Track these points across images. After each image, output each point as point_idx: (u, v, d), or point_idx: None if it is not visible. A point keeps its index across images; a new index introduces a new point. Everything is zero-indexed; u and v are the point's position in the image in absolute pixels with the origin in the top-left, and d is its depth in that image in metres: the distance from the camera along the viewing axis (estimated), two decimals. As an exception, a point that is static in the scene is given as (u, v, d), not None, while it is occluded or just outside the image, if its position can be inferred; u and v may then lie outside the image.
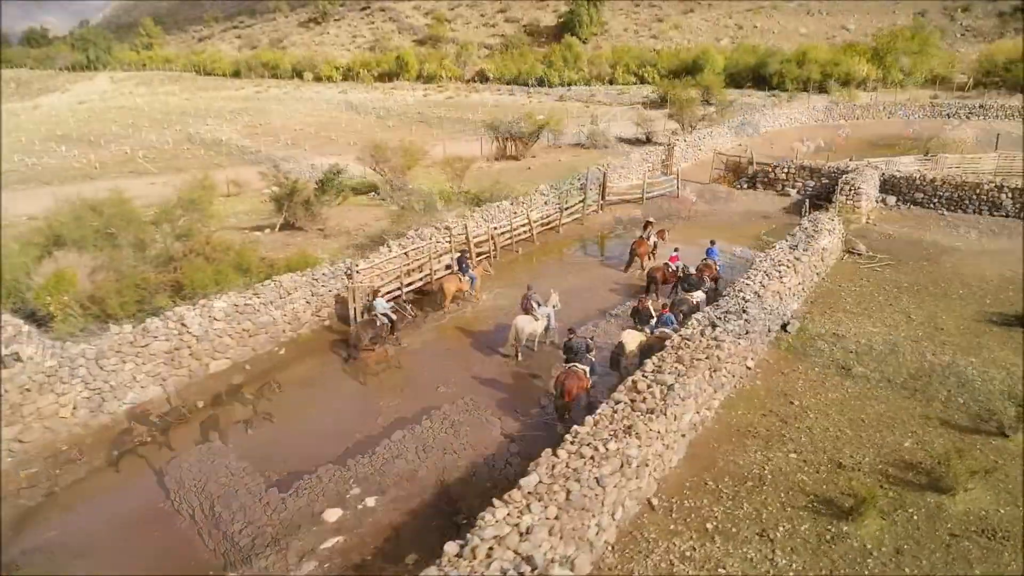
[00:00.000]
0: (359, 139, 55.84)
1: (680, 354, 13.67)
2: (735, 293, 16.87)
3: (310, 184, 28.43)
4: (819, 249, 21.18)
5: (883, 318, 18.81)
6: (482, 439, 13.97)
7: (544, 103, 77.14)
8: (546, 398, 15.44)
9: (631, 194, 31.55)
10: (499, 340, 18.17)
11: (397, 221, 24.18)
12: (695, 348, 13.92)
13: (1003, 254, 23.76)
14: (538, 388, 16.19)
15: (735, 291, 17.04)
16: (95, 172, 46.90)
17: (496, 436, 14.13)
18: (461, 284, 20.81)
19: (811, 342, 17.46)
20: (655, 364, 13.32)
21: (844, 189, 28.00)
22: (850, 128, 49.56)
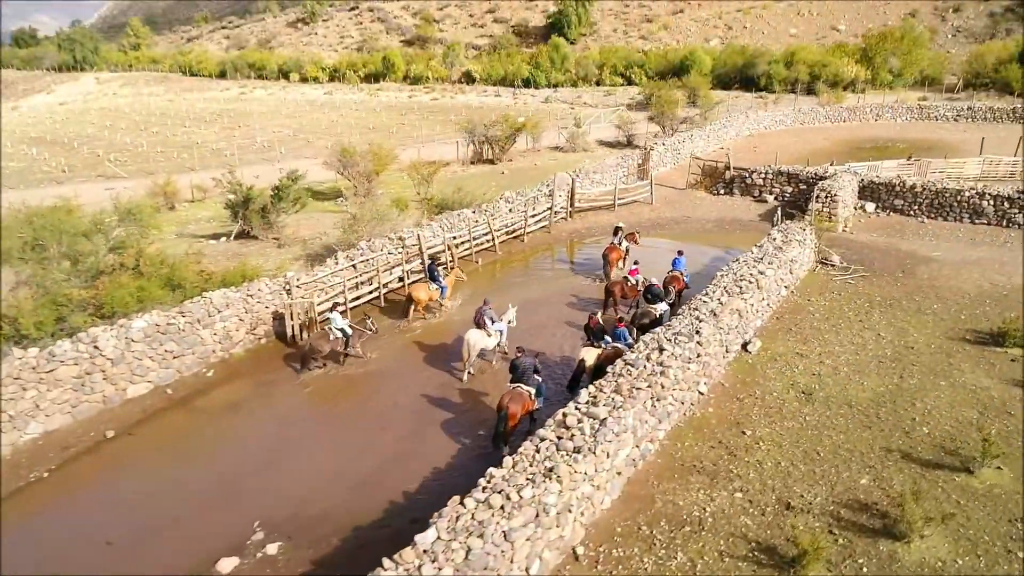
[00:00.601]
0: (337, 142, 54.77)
1: (620, 382, 12.61)
2: (690, 312, 15.83)
3: (267, 191, 27.34)
4: (787, 261, 20.17)
5: (851, 336, 17.78)
6: (415, 470, 12.91)
7: (529, 105, 76.19)
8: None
9: (603, 201, 30.51)
10: (456, 355, 17.17)
11: (348, 231, 23.06)
12: (636, 376, 12.87)
13: (983, 264, 22.77)
14: (488, 408, 15.12)
15: (690, 309, 16.01)
16: (62, 176, 45.76)
17: (431, 467, 13.06)
18: (431, 293, 19.92)
19: (772, 363, 16.43)
20: (590, 395, 12.26)
21: (820, 196, 27.00)
22: (759, 142, 47.78)
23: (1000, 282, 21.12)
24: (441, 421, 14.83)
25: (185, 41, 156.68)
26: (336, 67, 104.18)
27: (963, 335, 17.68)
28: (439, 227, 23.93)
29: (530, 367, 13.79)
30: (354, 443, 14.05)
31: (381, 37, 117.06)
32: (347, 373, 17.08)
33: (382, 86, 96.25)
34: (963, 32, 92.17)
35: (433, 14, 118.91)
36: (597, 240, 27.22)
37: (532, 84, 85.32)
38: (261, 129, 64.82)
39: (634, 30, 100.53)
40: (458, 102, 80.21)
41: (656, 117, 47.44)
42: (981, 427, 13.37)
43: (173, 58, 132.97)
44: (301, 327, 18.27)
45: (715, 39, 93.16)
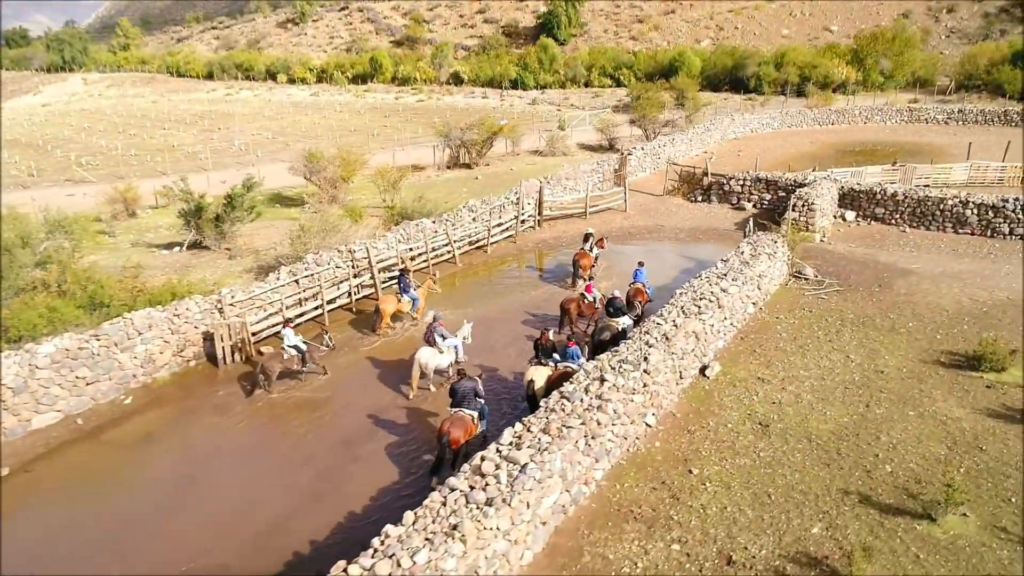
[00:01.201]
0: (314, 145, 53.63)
1: (550, 419, 11.49)
2: (640, 336, 14.70)
3: (220, 199, 26.19)
4: (755, 277, 19.05)
5: (818, 358, 16.67)
6: (329, 514, 11.78)
7: (516, 106, 75.14)
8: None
9: (574, 208, 29.40)
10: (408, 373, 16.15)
11: (296, 243, 21.93)
12: (570, 411, 11.75)
13: (963, 278, 21.67)
14: (432, 433, 14.02)
15: (641, 333, 14.88)
16: (29, 180, 44.57)
17: (348, 510, 11.93)
18: (400, 305, 18.95)
19: (731, 389, 15.31)
20: (515, 435, 11.14)
21: (797, 205, 25.89)
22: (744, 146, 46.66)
23: (980, 298, 20.03)
24: (374, 452, 13.75)
25: (175, 42, 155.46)
26: (324, 68, 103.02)
27: (937, 357, 16.58)
28: (394, 238, 22.80)
29: (470, 391, 13.05)
30: (270, 480, 12.91)
31: (371, 38, 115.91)
32: (287, 395, 15.96)
33: (369, 87, 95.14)
34: (957, 33, 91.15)
35: (423, 14, 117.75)
36: (566, 250, 26.09)
37: (520, 85, 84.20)
38: (241, 132, 63.69)
39: (625, 31, 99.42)
40: (444, 104, 79.11)
41: (638, 120, 46.31)
42: (949, 466, 12.27)
43: (161, 59, 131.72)
44: (233, 349, 17.13)
45: (706, 40, 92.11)
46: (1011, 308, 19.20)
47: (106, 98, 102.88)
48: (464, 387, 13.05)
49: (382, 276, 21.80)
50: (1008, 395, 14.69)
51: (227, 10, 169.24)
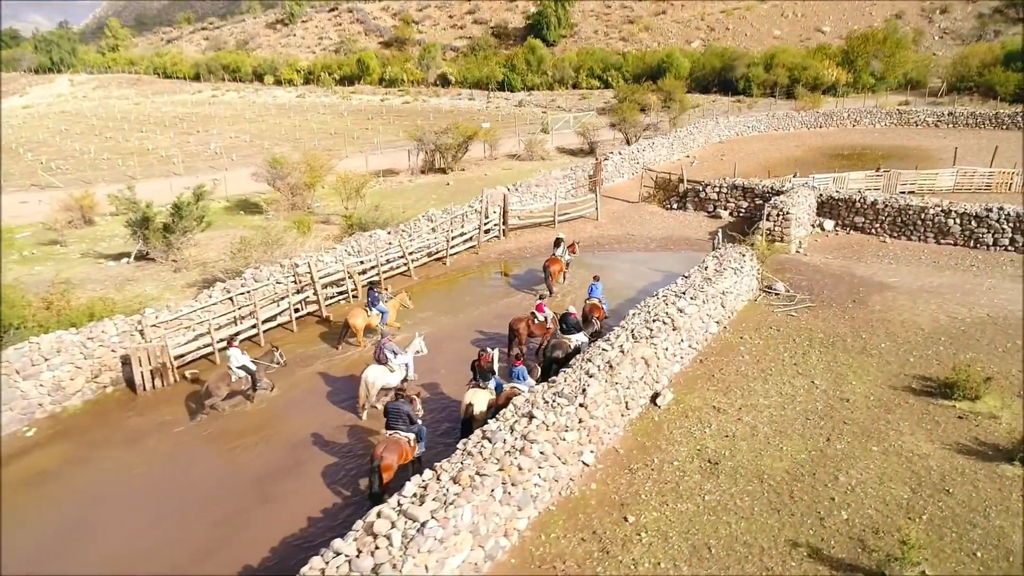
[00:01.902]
0: (294, 148, 52.50)
1: (464, 464, 10.32)
2: (580, 365, 13.53)
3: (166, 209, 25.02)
4: (718, 294, 17.90)
5: (781, 384, 15.51)
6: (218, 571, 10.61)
7: (502, 108, 74.04)
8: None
9: (542, 217, 28.24)
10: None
11: (236, 256, 20.74)
12: (489, 455, 10.57)
13: (943, 293, 20.52)
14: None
15: (582, 362, 13.71)
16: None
17: (243, 563, 10.75)
18: (368, 319, 18.03)
19: (682, 420, 14.14)
20: (419, 486, 9.96)
21: (771, 214, 24.74)
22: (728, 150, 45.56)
23: (959, 315, 18.88)
24: (292, 487, 12.67)
25: (165, 43, 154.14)
26: (311, 70, 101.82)
27: (908, 383, 15.43)
28: (344, 251, 21.62)
29: (405, 412, 12.33)
30: (164, 528, 11.71)
31: (359, 39, 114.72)
32: (210, 424, 14.82)
33: (356, 89, 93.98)
34: (951, 34, 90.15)
35: (412, 15, 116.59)
36: (531, 262, 24.98)
37: (508, 87, 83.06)
38: (219, 134, 62.50)
39: (615, 31, 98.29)
40: (430, 106, 77.97)
41: (618, 124, 45.14)
42: (911, 512, 11.12)
43: (149, 60, 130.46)
44: (153, 374, 15.94)
45: (697, 41, 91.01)
46: (990, 327, 18.08)
47: (90, 100, 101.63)
48: (399, 408, 12.31)
49: (330, 291, 20.66)
50: (981, 427, 13.54)
51: (223, 10, 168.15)
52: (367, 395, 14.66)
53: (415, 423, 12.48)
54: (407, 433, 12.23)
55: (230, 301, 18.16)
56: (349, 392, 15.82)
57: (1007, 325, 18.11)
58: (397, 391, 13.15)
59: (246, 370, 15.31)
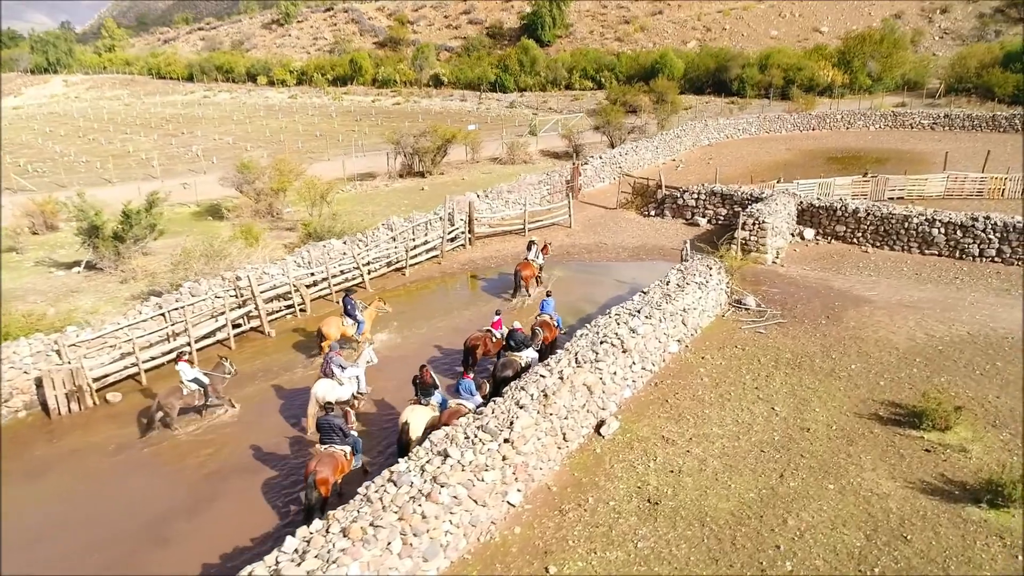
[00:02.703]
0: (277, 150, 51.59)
1: (360, 513, 9.28)
2: (511, 394, 12.48)
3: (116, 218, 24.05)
4: (678, 312, 16.82)
5: (739, 411, 14.45)
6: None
7: (492, 109, 73.04)
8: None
9: (512, 224, 27.20)
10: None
11: (176, 268, 19.75)
12: (389, 502, 9.54)
13: (922, 308, 19.42)
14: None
15: (515, 390, 12.65)
16: (-37, 189, 42.38)
17: None
18: (344, 329, 17.29)
19: (627, 452, 13.09)
20: (303, 540, 8.92)
21: (747, 223, 23.65)
22: (716, 153, 44.55)
23: (938, 333, 17.79)
24: (268, 481, 12.33)
25: (162, 43, 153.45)
26: (304, 70, 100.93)
27: (876, 409, 14.35)
28: (294, 262, 20.61)
29: (338, 426, 12.07)
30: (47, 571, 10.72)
31: (354, 39, 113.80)
32: (132, 452, 13.90)
33: (349, 89, 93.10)
34: (951, 34, 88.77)
35: (408, 15, 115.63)
36: (497, 271, 23.96)
37: (500, 88, 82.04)
38: (203, 136, 61.63)
39: (611, 31, 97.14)
40: (420, 107, 77.01)
41: (602, 127, 44.06)
42: (863, 563, 10.06)
43: (144, 60, 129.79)
44: (68, 397, 14.95)
45: (693, 41, 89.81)
46: (969, 346, 16.99)
47: (82, 100, 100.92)
48: (332, 422, 12.03)
49: (275, 306, 19.65)
50: (949, 462, 12.46)
51: (226, 10, 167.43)
52: (315, 409, 13.95)
53: (349, 436, 12.21)
54: (342, 446, 11.98)
55: (162, 317, 17.12)
56: (296, 408, 14.99)
57: (987, 344, 17.02)
58: (326, 404, 12.89)
59: (198, 383, 14.66)
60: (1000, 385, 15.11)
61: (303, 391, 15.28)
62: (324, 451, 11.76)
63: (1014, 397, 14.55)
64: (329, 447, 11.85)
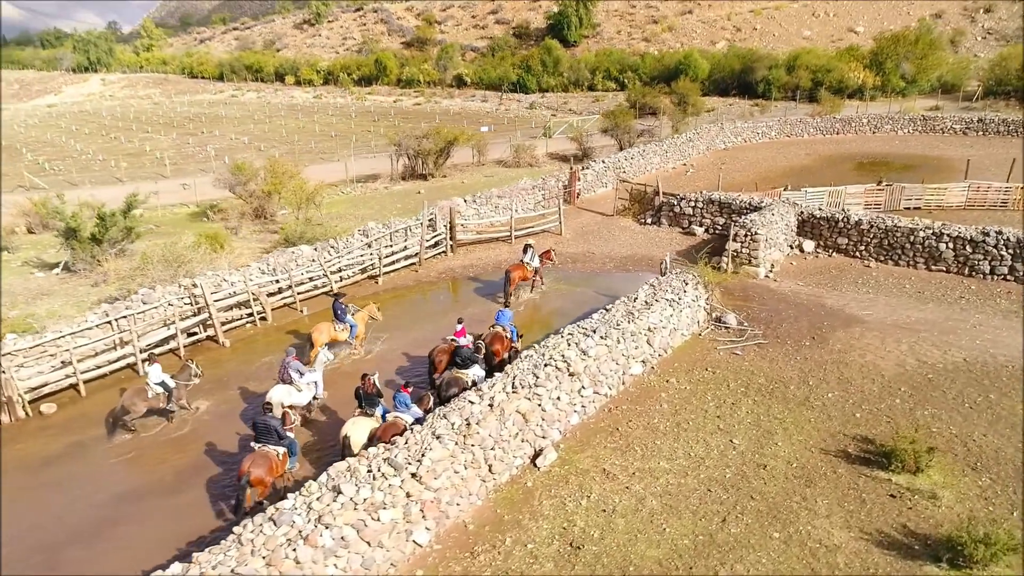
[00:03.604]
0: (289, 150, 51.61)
1: (225, 557, 8.50)
2: (431, 423, 11.59)
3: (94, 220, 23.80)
4: (643, 330, 15.75)
5: (693, 442, 13.35)
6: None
7: (511, 110, 72.21)
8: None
9: (499, 232, 26.30)
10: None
11: (135, 273, 19.32)
12: (260, 545, 8.73)
13: (918, 330, 17.98)
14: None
15: (436, 417, 11.76)
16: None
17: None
18: (335, 334, 16.99)
19: (560, 487, 12.11)
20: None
21: (739, 234, 22.37)
22: (731, 157, 42.86)
23: (931, 358, 16.39)
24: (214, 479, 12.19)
25: (198, 42, 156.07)
26: (330, 70, 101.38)
27: (845, 445, 13.13)
28: (259, 269, 20.03)
29: (274, 427, 12.14)
30: None
31: (382, 39, 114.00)
32: (70, 461, 13.48)
33: (373, 89, 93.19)
34: (994, 34, 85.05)
35: (435, 15, 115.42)
36: (476, 281, 23.10)
37: (522, 88, 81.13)
38: (221, 136, 62.03)
39: (638, 31, 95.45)
40: (440, 107, 76.54)
41: (611, 130, 42.85)
42: (791, 631, 8.95)
43: (179, 60, 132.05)
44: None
45: (722, 42, 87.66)
46: (963, 375, 15.58)
47: (114, 99, 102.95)
48: (267, 423, 12.15)
49: (236, 314, 19.08)
50: (914, 510, 11.22)
51: (268, 10, 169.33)
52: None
53: (284, 437, 12.26)
54: (276, 447, 12.04)
55: (109, 325, 16.64)
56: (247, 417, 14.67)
57: (983, 373, 15.59)
58: (264, 404, 13.00)
59: (164, 387, 14.53)
60: (989, 421, 13.74)
61: (258, 398, 14.82)
62: (258, 451, 11.81)
63: (1002, 435, 13.19)
64: (264, 447, 11.91)
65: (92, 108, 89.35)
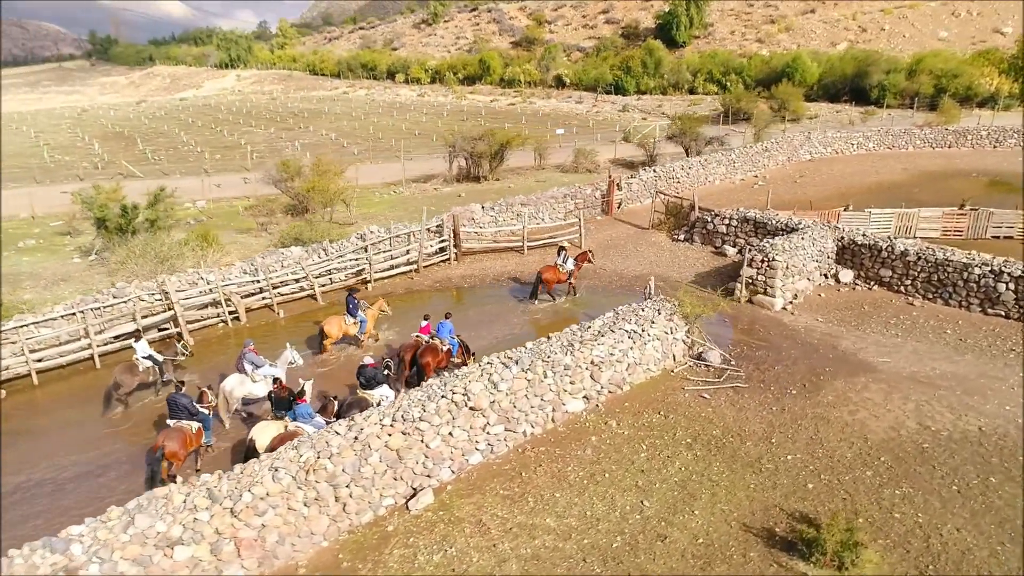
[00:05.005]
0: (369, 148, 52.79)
1: (-25, 585, 8.14)
2: (281, 453, 10.79)
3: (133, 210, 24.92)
4: (583, 364, 14.22)
5: (597, 499, 11.79)
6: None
7: (602, 112, 70.31)
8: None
9: (508, 241, 25.17)
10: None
11: (114, 273, 19.87)
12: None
13: (938, 386, 15.23)
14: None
15: (287, 448, 10.94)
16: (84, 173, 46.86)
17: None
18: (345, 327, 17.55)
19: (422, 537, 10.98)
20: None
21: (755, 259, 20.03)
22: (813, 169, 38.47)
23: (937, 424, 13.76)
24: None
25: (327, 41, 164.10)
26: (438, 69, 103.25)
27: (775, 523, 11.15)
28: (241, 269, 20.09)
29: (184, 404, 12.82)
30: None
31: (493, 39, 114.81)
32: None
33: (475, 89, 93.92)
34: None
35: (546, 15, 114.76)
36: (470, 291, 22.19)
37: (620, 90, 78.84)
38: (313, 131, 64.39)
39: (752, 32, 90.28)
40: (532, 108, 75.82)
41: (677, 137, 40.32)
42: None
43: (306, 58, 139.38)
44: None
45: (844, 43, 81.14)
46: (967, 448, 12.94)
47: (240, 94, 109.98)
48: (177, 400, 12.79)
49: (211, 311, 19.22)
50: (817, 620, 9.21)
51: (401, 10, 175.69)
52: (227, 404, 14.40)
53: (198, 413, 12.96)
54: (190, 422, 12.70)
55: (73, 316, 17.14)
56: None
57: (995, 449, 12.87)
58: (177, 383, 13.65)
59: (153, 360, 15.51)
60: (973, 511, 11.23)
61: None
62: (173, 426, 12.51)
63: (981, 532, 10.74)
64: (178, 422, 12.60)
65: (215, 102, 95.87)
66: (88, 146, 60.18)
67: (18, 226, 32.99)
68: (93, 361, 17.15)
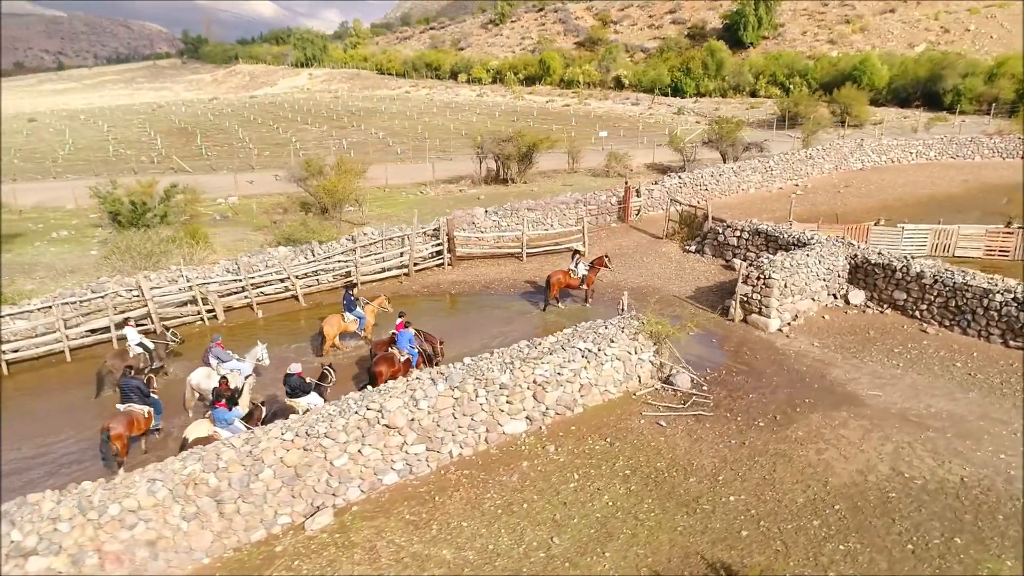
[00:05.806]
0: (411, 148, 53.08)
1: None
2: (167, 465, 10.49)
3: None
4: (524, 383, 13.43)
5: (504, 533, 11.03)
6: None
7: (657, 114, 68.48)
8: None
9: (507, 247, 24.47)
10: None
11: (103, 265, 20.25)
12: None
13: (928, 427, 13.70)
14: None
15: (174, 462, 10.62)
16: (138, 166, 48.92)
17: None
18: (345, 325, 17.76)
19: (308, 559, 10.48)
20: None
21: (751, 276, 18.67)
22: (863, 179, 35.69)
23: (913, 471, 12.34)
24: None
25: (398, 41, 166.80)
26: (499, 69, 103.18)
27: (691, 573, 10.10)
28: (224, 268, 20.17)
29: (135, 387, 13.29)
30: None
31: (557, 39, 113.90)
32: None
33: (533, 89, 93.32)
34: None
35: (612, 15, 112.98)
36: (458, 297, 21.64)
37: (679, 92, 76.64)
38: (364, 130, 65.25)
39: (825, 33, 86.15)
40: (586, 109, 74.61)
41: (715, 142, 38.53)
42: None
43: (375, 57, 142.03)
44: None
45: (923, 44, 76.34)
46: (939, 501, 11.52)
47: (307, 92, 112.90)
48: (129, 384, 13.28)
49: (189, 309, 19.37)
50: None
51: (473, 11, 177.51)
52: (191, 397, 14.78)
53: (149, 397, 13.47)
54: (140, 406, 13.15)
55: (50, 309, 17.52)
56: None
57: (972, 504, 11.40)
58: (126, 367, 14.23)
59: (144, 347, 15.98)
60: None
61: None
62: (123, 410, 12.96)
63: (922, 605, 9.40)
64: (129, 407, 13.06)
65: (282, 100, 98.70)
66: (152, 141, 62.85)
67: (60, 217, 34.57)
68: (64, 355, 17.46)
